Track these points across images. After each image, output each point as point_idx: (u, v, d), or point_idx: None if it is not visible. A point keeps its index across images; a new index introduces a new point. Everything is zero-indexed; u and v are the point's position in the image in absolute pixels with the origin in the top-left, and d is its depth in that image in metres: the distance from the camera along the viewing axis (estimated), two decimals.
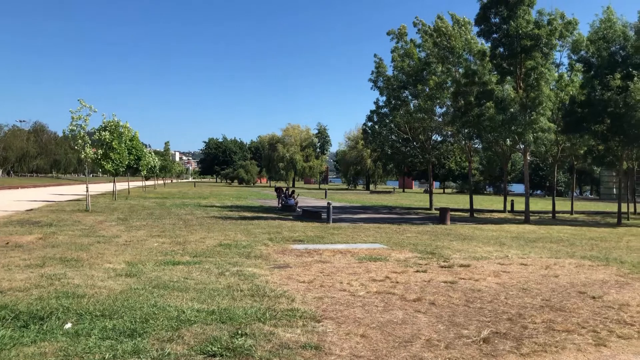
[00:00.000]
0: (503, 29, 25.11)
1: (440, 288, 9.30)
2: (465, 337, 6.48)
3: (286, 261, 11.76)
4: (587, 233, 21.22)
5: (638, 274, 11.35)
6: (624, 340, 6.58)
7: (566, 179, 76.26)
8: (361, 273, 10.50)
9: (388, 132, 36.10)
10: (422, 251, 14.04)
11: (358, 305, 7.88)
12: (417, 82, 32.11)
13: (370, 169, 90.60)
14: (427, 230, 20.50)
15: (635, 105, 23.86)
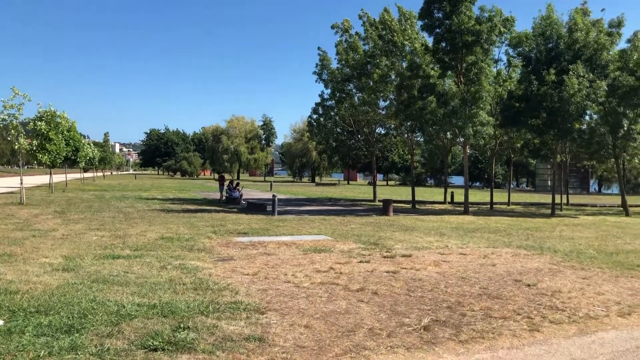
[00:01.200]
0: (446, 24, 25.66)
1: (382, 278, 9.45)
2: (406, 326, 6.62)
3: (230, 254, 11.66)
4: (523, 223, 22.05)
5: (570, 262, 11.89)
6: (556, 325, 6.88)
7: (504, 172, 78.89)
8: (306, 264, 10.53)
9: (333, 124, 36.27)
10: (366, 242, 14.22)
11: (302, 297, 7.90)
12: (361, 76, 32.36)
13: (315, 162, 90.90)
14: (371, 221, 20.78)
15: (568, 100, 24.92)
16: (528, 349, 5.94)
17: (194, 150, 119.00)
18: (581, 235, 18.05)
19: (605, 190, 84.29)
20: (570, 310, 7.59)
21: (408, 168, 65.42)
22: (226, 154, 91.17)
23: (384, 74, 31.81)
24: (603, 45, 26.76)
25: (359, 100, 34.10)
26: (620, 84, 26.53)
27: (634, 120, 26.99)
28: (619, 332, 6.68)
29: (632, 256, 13.01)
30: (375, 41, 32.02)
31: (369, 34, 32.50)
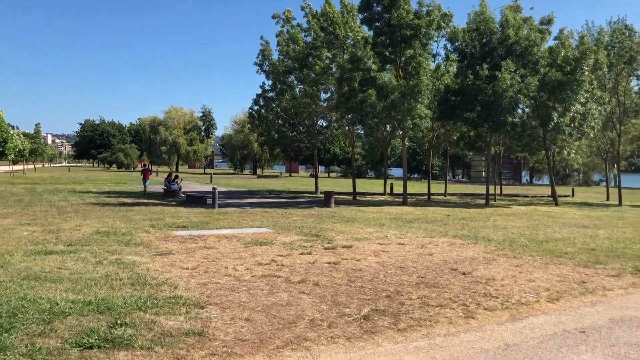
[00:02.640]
0: (385, 17, 25.98)
1: (324, 269, 9.52)
2: (347, 316, 6.71)
3: (169, 248, 11.45)
4: (459, 213, 22.72)
5: (503, 250, 12.36)
6: (490, 312, 7.15)
7: (441, 163, 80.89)
8: (247, 257, 10.48)
9: (274, 116, 36.07)
10: (308, 234, 14.29)
11: (243, 290, 7.87)
12: (302, 67, 32.31)
13: (257, 154, 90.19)
14: (313, 213, 20.88)
15: (502, 94, 25.80)
16: (463, 336, 6.15)
17: (131, 142, 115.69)
18: (514, 224, 18.78)
19: (536, 181, 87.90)
20: (503, 297, 7.90)
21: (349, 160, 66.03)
22: (164, 145, 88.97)
23: (326, 66, 31.90)
24: (534, 42, 27.87)
25: (301, 92, 34.08)
26: (549, 79, 27.69)
27: (562, 114, 28.22)
28: (548, 317, 7.01)
29: (560, 244, 13.66)
30: (317, 33, 32.04)
31: (311, 25, 32.47)
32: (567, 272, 9.93)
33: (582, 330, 6.45)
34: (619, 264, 10.84)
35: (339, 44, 31.53)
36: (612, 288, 8.72)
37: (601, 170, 60.37)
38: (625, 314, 7.21)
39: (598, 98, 30.52)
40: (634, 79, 33.89)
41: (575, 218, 22.18)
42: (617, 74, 32.68)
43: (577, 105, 28.25)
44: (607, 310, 7.43)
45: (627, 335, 6.29)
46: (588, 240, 14.57)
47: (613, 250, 12.82)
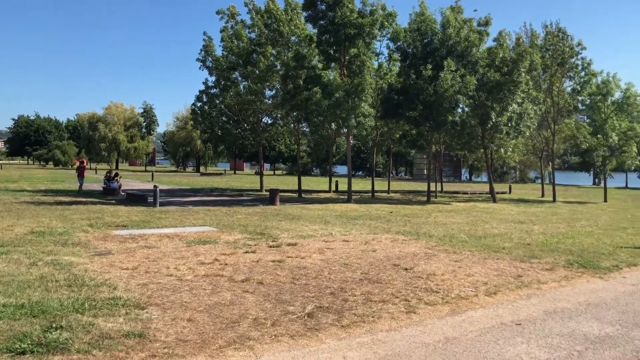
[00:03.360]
0: (329, 16, 26.08)
1: (268, 267, 9.48)
2: (291, 314, 6.70)
3: (108, 248, 11.11)
4: (402, 210, 23.13)
5: (443, 246, 12.67)
6: (431, 306, 7.31)
7: (384, 161, 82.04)
8: (189, 257, 10.31)
9: (218, 113, 35.58)
10: (252, 232, 14.19)
11: (185, 290, 7.73)
12: (247, 64, 32.01)
13: (200, 151, 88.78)
14: (257, 211, 20.75)
15: (443, 94, 26.42)
16: (405, 330, 6.26)
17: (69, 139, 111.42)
18: (454, 220, 19.28)
19: (475, 178, 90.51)
20: (443, 292, 8.09)
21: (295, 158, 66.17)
22: (104, 142, 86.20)
23: (270, 63, 31.73)
24: (473, 43, 28.69)
25: (245, 89, 33.76)
26: (488, 80, 28.58)
27: (500, 113, 29.20)
28: (486, 311, 7.23)
29: (498, 239, 14.13)
30: (261, 30, 31.82)
31: (255, 22, 32.22)
32: (504, 266, 10.28)
33: (518, 322, 6.69)
34: (552, 258, 11.31)
35: (284, 41, 31.42)
36: (546, 281, 9.08)
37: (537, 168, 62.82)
38: (558, 306, 7.52)
39: (534, 98, 31.77)
40: (567, 80, 35.45)
41: (512, 214, 22.99)
42: (552, 75, 34.11)
43: (514, 105, 29.32)
44: (542, 302, 7.73)
45: (560, 326, 6.56)
46: (524, 236, 15.13)
47: (547, 244, 13.37)
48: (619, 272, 10.08)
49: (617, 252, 12.32)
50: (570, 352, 5.64)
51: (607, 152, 34.91)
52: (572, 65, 34.12)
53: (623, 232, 16.91)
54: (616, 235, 15.79)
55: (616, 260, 11.19)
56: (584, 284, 9.06)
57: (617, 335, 6.22)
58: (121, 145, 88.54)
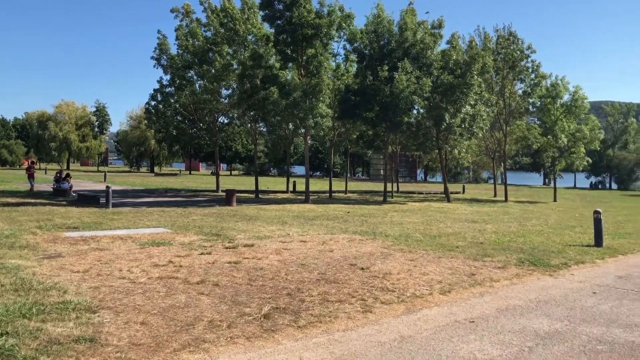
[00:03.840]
0: (286, 16, 26.03)
1: (224, 269, 9.37)
2: (247, 315, 6.64)
3: (58, 250, 10.76)
4: (359, 210, 23.28)
5: (399, 245, 12.80)
6: (387, 305, 7.37)
7: (342, 161, 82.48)
8: (143, 259, 10.09)
9: (173, 112, 35.05)
10: (208, 233, 14.00)
11: (139, 292, 7.56)
12: (202, 63, 31.64)
13: (154, 151, 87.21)
14: (213, 212, 20.51)
15: (398, 95, 26.75)
16: (361, 330, 6.28)
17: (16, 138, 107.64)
18: (409, 220, 19.53)
19: (430, 178, 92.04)
20: (399, 291, 8.16)
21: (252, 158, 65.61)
22: (54, 142, 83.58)
23: (227, 62, 31.45)
24: (428, 45, 29.16)
25: (201, 88, 33.37)
26: (442, 82, 29.10)
27: (453, 115, 29.78)
28: (440, 309, 7.33)
29: (452, 238, 14.38)
30: (216, 28, 31.50)
31: (211, 20, 31.87)
32: (458, 265, 10.45)
33: (472, 320, 6.81)
34: (504, 256, 11.58)
35: (240, 40, 31.19)
36: (499, 279, 9.29)
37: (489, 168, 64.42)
38: (510, 303, 7.70)
39: (486, 100, 32.53)
40: (518, 82, 36.45)
41: (466, 213, 23.46)
42: (503, 77, 35.03)
43: (467, 106, 29.95)
44: (494, 300, 7.89)
45: (511, 323, 6.71)
46: (477, 235, 15.45)
47: (499, 243, 13.68)
48: (567, 270, 10.40)
49: (566, 250, 12.71)
50: (522, 348, 5.77)
51: (556, 153, 36.04)
52: (522, 68, 35.12)
53: (572, 230, 17.47)
54: (565, 234, 16.30)
55: (565, 258, 11.54)
56: (534, 281, 9.30)
57: (566, 331, 6.41)
58: (72, 144, 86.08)
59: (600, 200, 38.86)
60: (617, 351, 5.72)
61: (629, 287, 8.93)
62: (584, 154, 36.18)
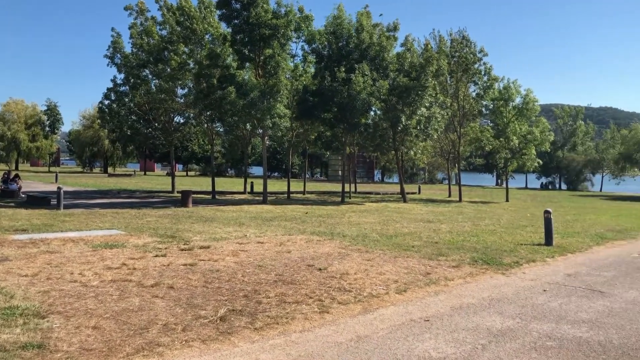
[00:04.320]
0: (244, 15, 25.85)
1: (179, 271, 9.23)
2: (202, 318, 6.55)
3: (5, 254, 10.38)
4: (317, 211, 23.32)
5: (356, 245, 12.89)
6: (344, 305, 7.40)
7: (300, 162, 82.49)
8: (95, 262, 9.83)
9: (127, 111, 34.29)
10: (163, 235, 13.77)
11: (90, 296, 7.37)
12: (158, 61, 31.09)
13: (108, 151, 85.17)
14: (169, 213, 20.19)
15: (356, 96, 26.95)
16: (318, 331, 6.29)
17: None
18: (366, 220, 19.69)
19: (387, 179, 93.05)
20: (356, 291, 8.21)
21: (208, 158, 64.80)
22: (2, 141, 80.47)
23: (183, 61, 31.01)
24: (384, 47, 29.49)
25: (156, 87, 32.79)
26: (398, 84, 29.47)
27: (409, 117, 30.18)
28: (396, 308, 7.41)
29: (408, 238, 14.57)
30: (173, 27, 31.02)
31: (167, 19, 31.36)
32: (413, 264, 10.60)
33: (427, 319, 6.91)
34: (458, 255, 11.80)
35: (197, 39, 30.81)
36: (453, 278, 9.46)
37: (444, 169, 65.52)
38: (463, 302, 7.85)
39: (441, 102, 33.12)
40: (472, 85, 37.26)
41: (422, 213, 23.81)
42: (457, 80, 35.74)
43: (423, 108, 30.42)
44: (449, 299, 8.03)
45: (465, 321, 6.85)
46: (432, 234, 15.70)
47: (454, 243, 13.94)
48: (519, 268, 10.68)
49: (518, 249, 13.06)
50: (475, 345, 5.89)
51: (508, 154, 36.95)
52: (475, 71, 35.91)
53: (523, 230, 17.95)
54: (517, 233, 16.74)
55: (517, 257, 11.85)
56: (487, 280, 9.52)
57: (517, 328, 6.58)
58: (22, 144, 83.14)
59: (550, 200, 40.08)
60: (566, 347, 5.91)
61: (577, 285, 9.23)
62: (534, 155, 37.20)
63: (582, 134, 78.30)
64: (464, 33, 36.07)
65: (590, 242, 14.99)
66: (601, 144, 76.37)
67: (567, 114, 79.98)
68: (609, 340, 6.17)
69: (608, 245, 14.71)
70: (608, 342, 6.08)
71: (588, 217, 24.23)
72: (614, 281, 9.61)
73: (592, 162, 73.80)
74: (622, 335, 6.34)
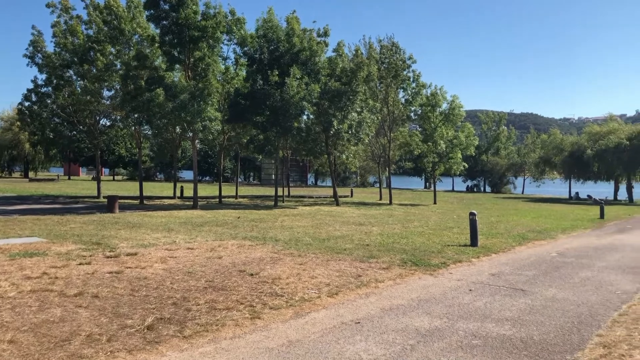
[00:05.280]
0: (172, 16, 25.31)
1: (105, 279, 8.90)
2: (129, 327, 6.35)
3: None
4: (249, 215, 23.13)
5: (289, 250, 12.87)
6: (275, 310, 7.37)
7: (232, 166, 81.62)
8: (13, 271, 9.31)
9: (50, 113, 32.78)
10: (87, 242, 13.23)
11: (7, 308, 6.97)
12: (83, 62, 29.90)
13: (29, 155, 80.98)
14: (94, 219, 19.43)
15: (289, 100, 26.97)
16: (249, 337, 6.22)
17: None
18: (299, 224, 19.72)
19: (320, 182, 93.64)
20: (288, 295, 8.20)
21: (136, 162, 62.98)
22: None
23: (110, 62, 29.99)
24: (316, 52, 29.71)
25: (81, 89, 31.53)
26: (329, 88, 29.76)
27: (341, 121, 30.53)
28: (328, 311, 7.45)
29: (340, 241, 14.70)
30: (99, 26, 29.94)
31: (93, 18, 30.23)
32: (345, 267, 10.70)
33: (358, 321, 6.99)
34: (389, 257, 12.03)
35: (125, 39, 29.89)
36: (383, 280, 9.62)
37: (375, 173, 66.76)
38: (393, 303, 7.99)
39: (371, 107, 33.71)
40: (401, 91, 38.17)
41: (354, 216, 24.11)
42: (387, 86, 36.53)
43: (354, 113, 30.86)
44: (379, 300, 8.16)
45: (395, 322, 6.97)
46: (363, 237, 15.93)
47: (384, 245, 14.19)
48: (446, 269, 11.01)
49: (445, 250, 13.46)
50: (404, 346, 6.01)
51: (436, 158, 38.06)
52: (404, 77, 36.82)
53: (450, 231, 18.53)
54: (444, 235, 17.26)
55: (444, 258, 12.21)
56: (416, 281, 9.75)
57: (444, 328, 6.77)
58: None
59: (475, 203, 41.60)
60: (490, 345, 6.14)
61: (501, 284, 9.62)
62: (460, 159, 38.48)
63: (505, 139, 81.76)
64: (393, 40, 36.98)
65: (512, 243, 15.67)
66: (523, 148, 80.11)
67: (491, 119, 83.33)
68: (530, 336, 6.46)
69: (529, 245, 15.43)
70: (529, 339, 6.36)
71: (511, 219, 25.32)
72: (534, 280, 10.08)
73: (514, 165, 77.17)
74: (542, 332, 6.65)
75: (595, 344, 6.20)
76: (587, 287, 9.46)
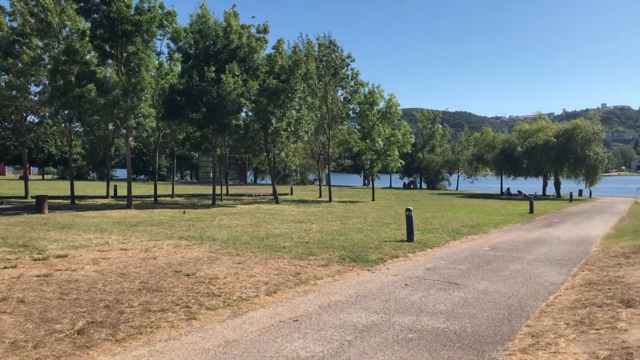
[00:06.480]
0: (104, 10, 24.45)
1: (32, 283, 8.49)
2: (57, 332, 6.08)
3: None
4: (186, 214, 22.69)
5: (227, 249, 12.71)
6: (212, 311, 7.25)
7: (168, 164, 79.89)
8: None
9: None
10: (13, 244, 12.59)
11: None
12: (7, 55, 28.42)
13: None
14: (21, 221, 18.52)
15: (226, 97, 26.63)
16: (185, 338, 6.09)
17: None
18: (238, 223, 19.52)
19: (260, 180, 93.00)
20: (225, 295, 8.08)
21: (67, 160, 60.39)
22: None
23: (37, 56, 28.64)
24: (254, 49, 29.46)
25: (5, 83, 29.96)
26: (268, 86, 29.61)
27: (280, 119, 30.45)
28: (266, 310, 7.40)
29: (279, 239, 14.65)
30: (25, 18, 28.51)
31: (18, 9, 28.76)
32: (284, 265, 10.67)
33: (296, 319, 6.97)
34: (327, 254, 12.08)
35: (53, 33, 28.61)
36: (322, 277, 9.65)
37: (315, 170, 67.00)
38: (332, 300, 8.03)
39: (310, 105, 33.77)
40: (340, 89, 38.47)
41: (293, 214, 24.10)
42: (326, 84, 36.71)
43: (293, 111, 30.83)
44: (317, 297, 8.18)
45: (333, 319, 7.01)
46: (303, 234, 15.94)
47: (323, 242, 14.26)
48: (383, 264, 11.17)
49: (383, 246, 13.66)
50: (342, 342, 6.05)
51: (374, 155, 38.58)
52: (343, 75, 37.13)
53: (387, 227, 18.84)
54: (382, 231, 17.53)
55: (381, 254, 12.40)
56: (354, 277, 9.84)
57: (381, 323, 6.86)
58: None
59: (412, 199, 42.50)
60: (425, 338, 6.26)
61: (436, 278, 9.85)
62: (397, 156, 39.18)
63: (440, 137, 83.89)
64: (331, 38, 37.17)
65: (447, 237, 16.10)
66: (457, 145, 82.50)
67: (426, 117, 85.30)
68: (463, 329, 6.64)
69: (463, 240, 15.90)
70: (462, 331, 6.54)
71: (445, 214, 26.02)
72: (468, 273, 10.39)
73: (449, 162, 79.32)
74: (474, 324, 6.85)
75: (524, 334, 6.45)
76: (517, 280, 9.83)
